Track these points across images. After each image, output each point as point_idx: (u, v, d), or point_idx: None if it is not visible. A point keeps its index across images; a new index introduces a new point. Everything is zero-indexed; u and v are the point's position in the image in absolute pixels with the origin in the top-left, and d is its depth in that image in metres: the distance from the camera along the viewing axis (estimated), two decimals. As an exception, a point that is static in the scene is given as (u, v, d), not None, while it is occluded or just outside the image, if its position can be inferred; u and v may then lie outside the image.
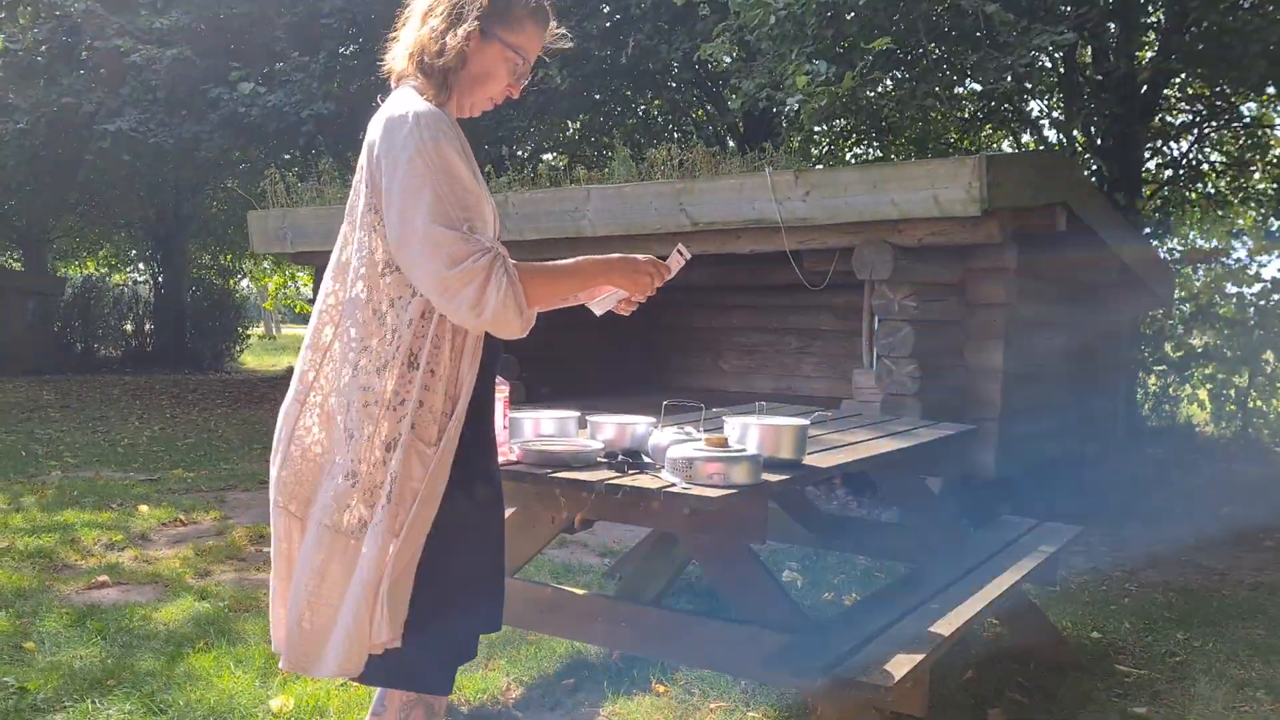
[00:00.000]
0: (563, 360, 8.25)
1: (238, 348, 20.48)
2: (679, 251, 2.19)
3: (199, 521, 5.99)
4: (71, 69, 11.98)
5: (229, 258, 22.97)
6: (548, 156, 14.29)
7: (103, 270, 24.08)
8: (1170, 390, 11.32)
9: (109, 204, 18.12)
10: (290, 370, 11.80)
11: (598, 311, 2.22)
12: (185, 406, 12.41)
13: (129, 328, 19.60)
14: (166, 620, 4.08)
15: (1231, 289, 10.97)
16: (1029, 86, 8.43)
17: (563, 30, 2.19)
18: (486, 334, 2.02)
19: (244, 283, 26.79)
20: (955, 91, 7.64)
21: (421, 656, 1.99)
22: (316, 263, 9.57)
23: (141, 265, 22.63)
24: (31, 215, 18.52)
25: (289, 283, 27.77)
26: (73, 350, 18.11)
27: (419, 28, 2.06)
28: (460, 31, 2.00)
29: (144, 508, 6.20)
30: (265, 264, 23.16)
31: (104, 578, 4.65)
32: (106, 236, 22.16)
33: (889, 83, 7.59)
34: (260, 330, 33.34)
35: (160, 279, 19.62)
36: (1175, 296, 10.63)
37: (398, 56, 2.10)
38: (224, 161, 13.12)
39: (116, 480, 7.16)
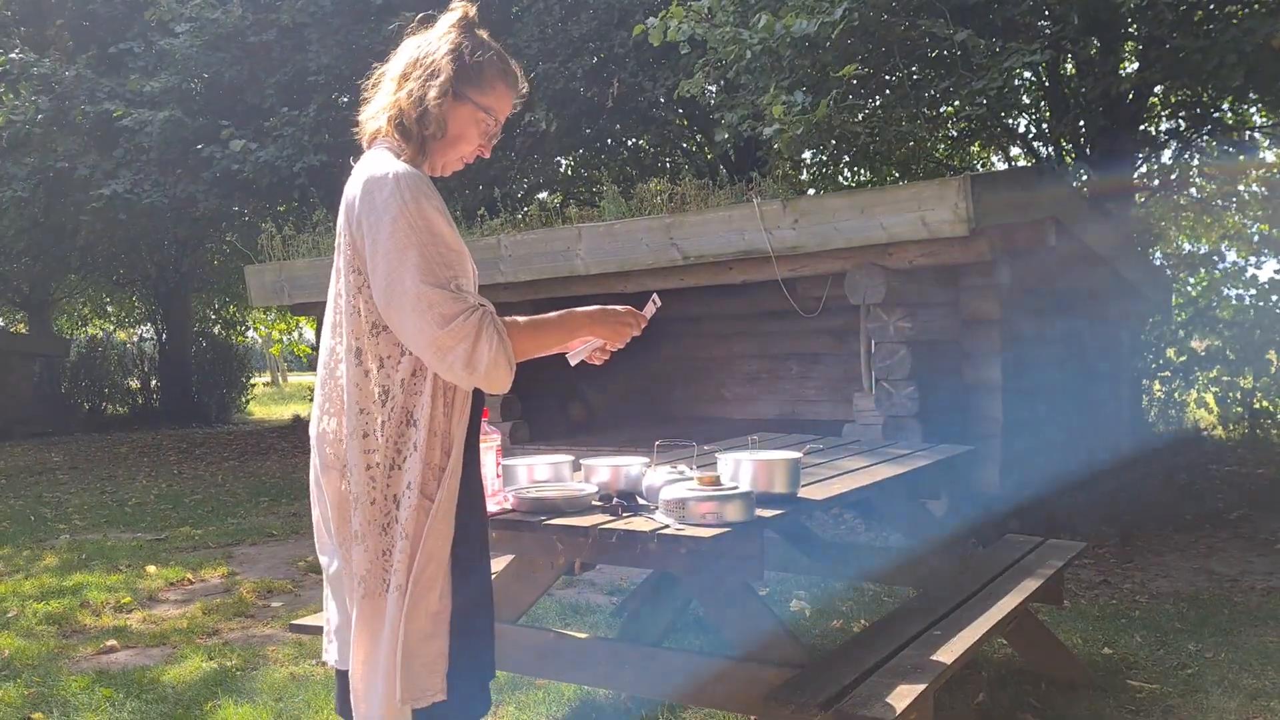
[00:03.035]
0: (565, 396, 8.27)
1: (244, 399, 20.53)
2: (653, 301, 2.25)
3: (207, 579, 6.00)
4: (65, 134, 12.10)
5: (231, 310, 23.08)
6: (542, 195, 14.37)
7: (109, 327, 24.19)
8: (1175, 395, 11.31)
9: (110, 264, 18.24)
10: (296, 419, 11.75)
11: (573, 361, 2.25)
12: (193, 461, 12.44)
13: (135, 384, 19.66)
14: (175, 682, 4.08)
15: (1228, 291, 10.99)
16: (1011, 103, 8.48)
17: (525, 90, 2.23)
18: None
19: (249, 333, 26.90)
20: (938, 112, 7.67)
21: (460, 709, 2.03)
22: (315, 313, 9.63)
23: (146, 323, 22.75)
24: (34, 279, 18.65)
25: (293, 330, 27.91)
26: (80, 410, 18.15)
27: (394, 91, 2.10)
28: (439, 95, 2.05)
29: (152, 568, 6.20)
30: (270, 313, 23.26)
31: (113, 642, 4.66)
32: (110, 296, 22.30)
33: (865, 109, 7.64)
34: (266, 379, 33.43)
35: (164, 335, 19.71)
36: (1172, 302, 10.65)
37: (372, 118, 2.14)
38: (221, 216, 13.23)
39: (124, 541, 7.17)
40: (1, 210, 12.54)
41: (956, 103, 7.08)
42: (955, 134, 9.73)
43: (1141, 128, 9.96)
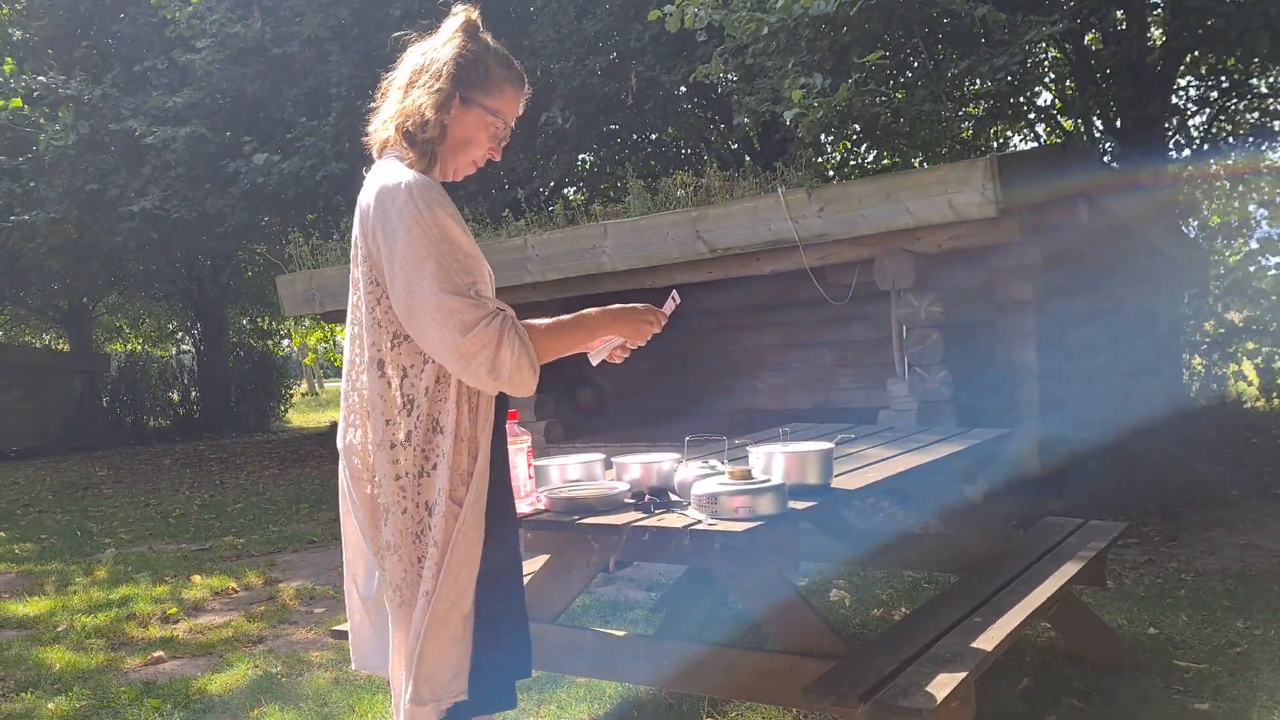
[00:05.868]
0: (598, 394, 8.27)
1: (282, 407, 20.74)
2: (672, 297, 2.25)
3: (251, 587, 6.06)
4: (95, 154, 12.24)
5: (266, 320, 23.31)
6: (567, 191, 14.36)
7: (147, 345, 24.51)
8: (1215, 369, 11.15)
9: (147, 280, 18.48)
10: (333, 425, 11.76)
11: (595, 361, 2.25)
12: (234, 471, 12.58)
13: (175, 397, 19.93)
14: (221, 690, 4.13)
15: (1265, 260, 10.81)
16: (1035, 78, 8.36)
17: (529, 91, 2.23)
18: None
19: (284, 342, 27.15)
20: (961, 91, 7.57)
21: (479, 706, 2.05)
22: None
23: (184, 335, 23.04)
24: (73, 298, 18.93)
25: (328, 338, 28.15)
26: (122, 424, 18.44)
27: (401, 99, 2.11)
28: (443, 101, 2.05)
29: (197, 577, 6.28)
30: (305, 322, 23.48)
31: (160, 653, 4.72)
32: (148, 311, 22.60)
33: (885, 91, 7.56)
34: (303, 388, 33.71)
35: (202, 347, 19.95)
36: (1209, 274, 10.49)
37: (381, 127, 2.15)
38: (250, 229, 13.35)
39: (169, 552, 7.27)
40: (37, 231, 12.73)
41: (979, 81, 6.99)
42: (979, 114, 9.60)
43: (1172, 98, 9.79)
